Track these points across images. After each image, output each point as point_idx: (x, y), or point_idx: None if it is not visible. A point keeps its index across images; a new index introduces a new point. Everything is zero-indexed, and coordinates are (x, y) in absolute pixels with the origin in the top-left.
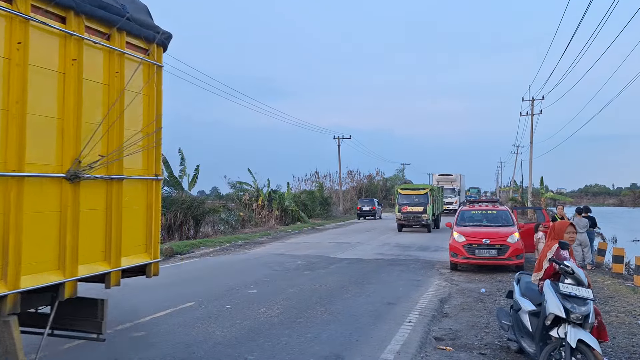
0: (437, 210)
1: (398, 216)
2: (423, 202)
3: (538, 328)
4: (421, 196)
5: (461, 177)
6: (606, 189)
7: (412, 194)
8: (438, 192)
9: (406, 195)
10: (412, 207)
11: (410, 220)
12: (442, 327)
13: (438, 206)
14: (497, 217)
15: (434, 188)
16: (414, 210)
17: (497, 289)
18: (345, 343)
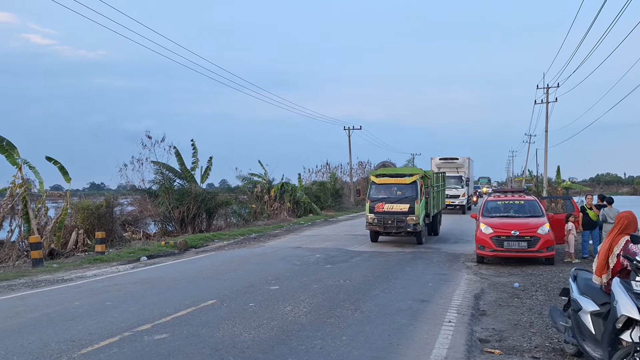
0: (435, 208)
1: (369, 218)
2: (409, 197)
3: (606, 331)
4: (406, 187)
5: (469, 162)
6: (618, 178)
7: (393, 183)
8: (437, 181)
9: (383, 186)
10: (391, 205)
11: (388, 226)
12: (484, 326)
13: (437, 202)
14: (525, 207)
15: (428, 174)
16: (395, 209)
17: (531, 283)
18: (386, 347)
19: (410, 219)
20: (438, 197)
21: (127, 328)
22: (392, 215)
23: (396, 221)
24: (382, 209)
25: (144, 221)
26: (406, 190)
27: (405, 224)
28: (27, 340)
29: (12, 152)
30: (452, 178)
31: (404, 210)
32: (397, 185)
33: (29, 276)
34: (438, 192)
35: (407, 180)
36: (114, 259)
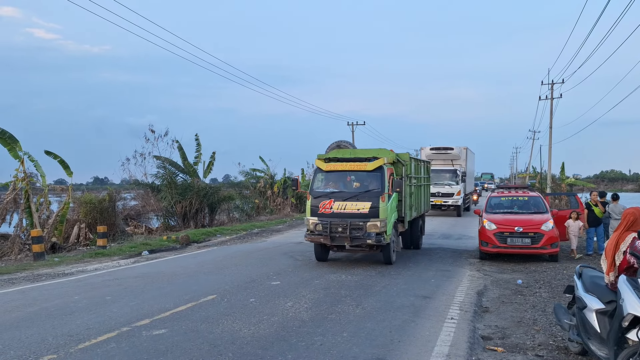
0: (415, 211)
1: (310, 224)
2: (372, 192)
3: (612, 330)
4: (367, 176)
5: (467, 153)
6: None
7: (347, 170)
8: (417, 171)
9: (333, 175)
10: (343, 204)
11: (337, 236)
12: (487, 324)
13: (417, 201)
14: (529, 203)
15: (402, 159)
16: (349, 210)
17: (535, 280)
18: (387, 344)
19: (372, 226)
20: (419, 195)
21: (126, 323)
22: (344, 220)
23: (350, 228)
24: (330, 209)
25: (146, 216)
26: (367, 181)
27: (365, 233)
28: (25, 334)
29: (14, 146)
30: (445, 172)
31: (363, 211)
32: (354, 173)
33: (30, 270)
34: (420, 188)
35: (367, 166)
36: (115, 253)
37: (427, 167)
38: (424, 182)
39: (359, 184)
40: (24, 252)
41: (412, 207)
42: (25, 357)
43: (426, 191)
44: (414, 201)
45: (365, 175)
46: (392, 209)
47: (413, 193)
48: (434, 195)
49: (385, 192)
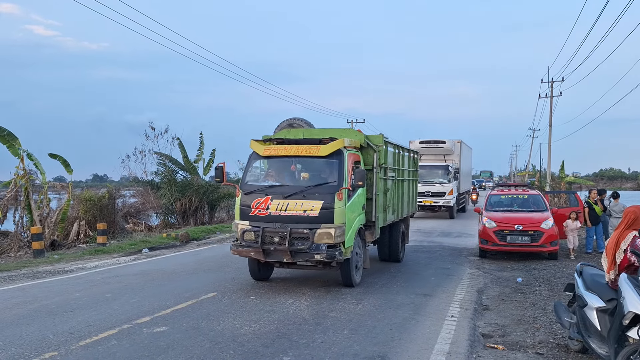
0: (393, 213)
1: (239, 230)
2: (324, 187)
3: (613, 328)
4: (318, 165)
5: (461, 147)
6: (622, 173)
7: (291, 155)
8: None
9: (274, 162)
10: (282, 203)
11: (273, 249)
12: (487, 321)
13: (395, 201)
14: (529, 201)
15: (373, 143)
16: (292, 211)
17: (534, 278)
18: (387, 341)
19: (323, 234)
20: (400, 193)
21: (126, 320)
22: (283, 226)
23: (291, 238)
24: (265, 210)
25: (146, 213)
26: (319, 171)
27: (312, 245)
28: (26, 331)
29: (13, 143)
30: (435, 168)
31: (311, 213)
32: (301, 160)
33: (29, 267)
34: (401, 183)
35: (320, 150)
36: (115, 251)
37: (414, 159)
38: (409, 177)
39: (308, 175)
40: (24, 250)
41: (389, 209)
42: (26, 354)
43: (412, 189)
44: (391, 201)
45: (316, 162)
46: (356, 210)
47: (390, 189)
48: (423, 195)
49: (345, 186)
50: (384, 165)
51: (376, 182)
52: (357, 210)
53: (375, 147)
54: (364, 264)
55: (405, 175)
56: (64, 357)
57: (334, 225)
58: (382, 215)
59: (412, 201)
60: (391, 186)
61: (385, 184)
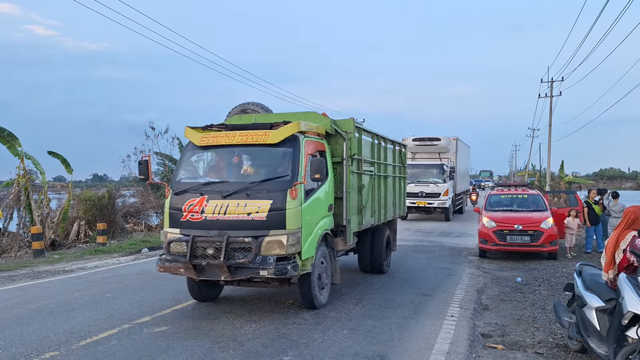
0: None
1: (167, 239)
2: (275, 184)
3: (612, 327)
4: (268, 154)
5: (457, 145)
6: (622, 173)
7: (235, 143)
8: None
9: (215, 153)
10: (220, 204)
11: (206, 264)
12: (487, 321)
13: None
14: (528, 201)
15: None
16: (235, 215)
17: (534, 277)
18: (387, 341)
19: (271, 244)
20: (383, 191)
21: (127, 320)
22: (220, 233)
23: (228, 250)
24: (200, 213)
25: (145, 213)
26: (267, 163)
27: (255, 259)
28: (26, 331)
29: (13, 143)
30: (429, 167)
31: (257, 216)
32: (246, 149)
33: (30, 267)
34: (383, 180)
35: (269, 137)
36: (115, 251)
37: (401, 153)
38: (395, 173)
39: (252, 170)
40: (24, 250)
41: (366, 210)
42: (27, 353)
43: (399, 187)
44: (369, 200)
45: (266, 153)
46: (318, 211)
47: (367, 187)
48: (417, 196)
49: (299, 181)
50: (356, 156)
51: (347, 177)
52: (320, 212)
53: (345, 135)
54: (334, 279)
55: (389, 170)
56: (65, 356)
57: (286, 231)
58: (355, 218)
59: (400, 201)
60: (369, 183)
61: (359, 180)
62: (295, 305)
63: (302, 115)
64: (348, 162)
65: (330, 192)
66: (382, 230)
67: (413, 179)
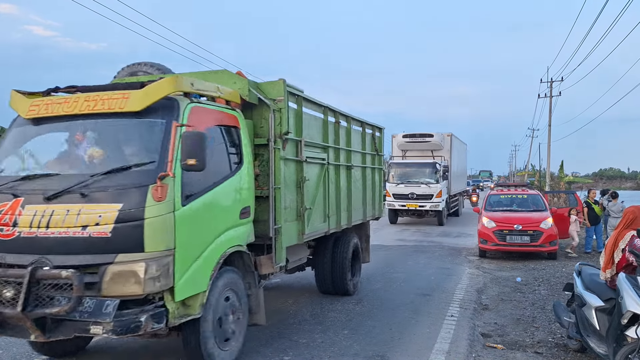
0: (323, 221)
1: None
2: (131, 180)
3: (612, 327)
4: (128, 132)
5: (452, 142)
6: (621, 173)
7: (80, 113)
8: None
9: (50, 128)
10: (46, 212)
11: (6, 324)
12: (487, 321)
13: (330, 200)
14: (528, 201)
15: (263, 94)
16: (60, 230)
17: (534, 277)
18: (387, 341)
19: (117, 279)
20: (340, 187)
21: None
22: (38, 261)
23: (32, 289)
24: (13, 227)
25: None
26: (122, 142)
27: (86, 307)
28: None
29: None
30: (420, 166)
31: (96, 229)
32: (94, 122)
33: None
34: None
35: (127, 102)
36: None
37: (375, 138)
38: (364, 163)
39: (100, 154)
40: None
41: (313, 214)
42: (27, 353)
43: (371, 181)
44: (319, 199)
45: (122, 126)
46: (214, 219)
47: (311, 180)
48: (407, 198)
49: (169, 171)
50: (291, 136)
51: (274, 167)
52: (219, 220)
53: (271, 103)
54: (255, 319)
55: (355, 159)
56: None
57: (144, 255)
58: (292, 227)
59: (374, 200)
60: (318, 175)
61: (298, 171)
62: (296, 304)
63: (205, 75)
64: (276, 143)
65: (245, 188)
66: (347, 237)
67: (403, 179)
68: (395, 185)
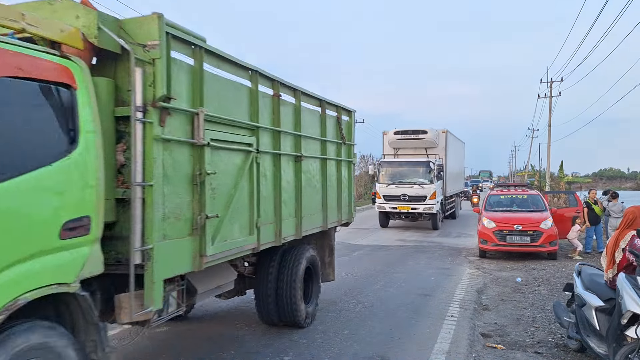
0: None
1: None
2: None
3: (611, 327)
4: None
5: (447, 139)
6: (621, 173)
7: None
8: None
9: None
10: None
11: None
12: (487, 321)
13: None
14: (528, 201)
15: (126, 41)
16: None
17: (534, 278)
18: (387, 341)
19: None
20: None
21: None
22: None
23: None
24: None
25: None
26: None
27: None
28: None
29: None
30: (414, 165)
31: None
32: None
33: None
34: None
35: None
36: None
37: (339, 122)
38: (325, 155)
39: None
40: None
41: (225, 224)
42: None
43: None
44: (237, 202)
45: None
46: None
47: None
48: (398, 199)
49: None
50: (177, 104)
51: (146, 151)
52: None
53: (142, 53)
54: None
55: (311, 148)
56: None
57: None
58: (178, 247)
59: (340, 201)
60: (239, 167)
61: (194, 159)
62: None
63: (40, 5)
64: (146, 115)
65: (78, 186)
66: (299, 251)
67: (394, 179)
68: (385, 186)
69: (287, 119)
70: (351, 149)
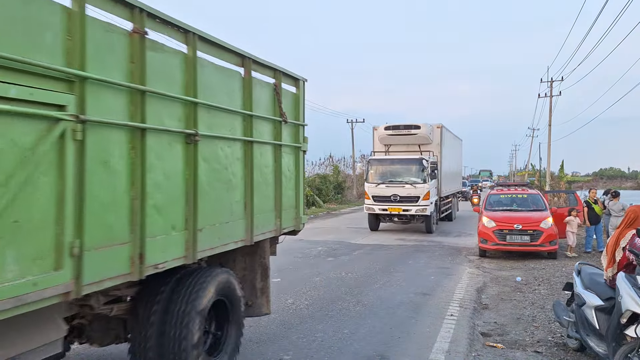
0: (62, 268)
1: None
2: None
3: (611, 326)
4: None
5: (442, 134)
6: (621, 172)
7: None
8: (158, 74)
9: None
10: None
11: None
12: (486, 320)
13: (84, 213)
14: (528, 201)
15: None
16: None
17: (533, 277)
18: (387, 340)
19: None
20: (144, 179)
21: None
22: None
23: None
24: None
25: None
26: None
27: None
28: None
29: None
30: (406, 163)
31: None
32: None
33: None
34: (181, 152)
35: None
36: None
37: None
38: (249, 135)
39: None
40: None
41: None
42: None
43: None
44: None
45: None
46: None
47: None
48: (389, 200)
49: None
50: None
51: None
52: None
53: None
54: None
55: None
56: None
57: None
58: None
59: (279, 202)
60: (19, 149)
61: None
62: (296, 304)
63: None
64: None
65: None
66: (200, 277)
67: (384, 178)
68: (375, 186)
69: (166, 75)
70: (300, 130)
